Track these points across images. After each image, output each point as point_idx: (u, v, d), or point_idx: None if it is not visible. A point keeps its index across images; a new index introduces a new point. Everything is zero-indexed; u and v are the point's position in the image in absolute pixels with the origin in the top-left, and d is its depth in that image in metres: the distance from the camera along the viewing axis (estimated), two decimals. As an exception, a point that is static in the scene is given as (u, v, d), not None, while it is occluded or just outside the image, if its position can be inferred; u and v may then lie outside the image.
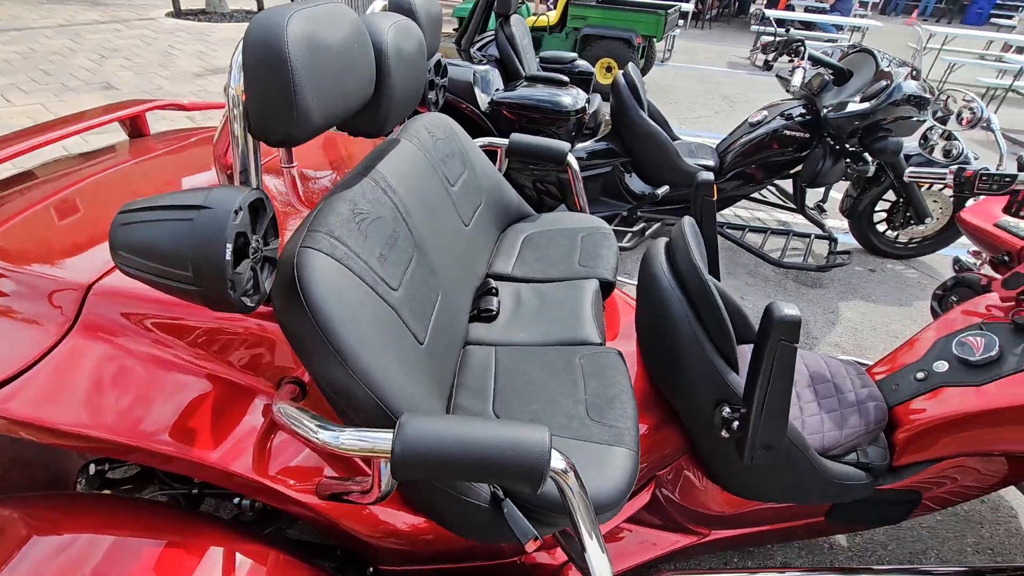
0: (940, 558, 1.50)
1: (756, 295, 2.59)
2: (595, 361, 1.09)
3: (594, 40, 5.47)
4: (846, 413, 1.23)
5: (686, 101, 5.83)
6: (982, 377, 1.14)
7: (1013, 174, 1.18)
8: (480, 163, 1.53)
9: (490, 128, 2.46)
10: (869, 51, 2.53)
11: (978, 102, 1.28)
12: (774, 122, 2.66)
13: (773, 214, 3.39)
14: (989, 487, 1.27)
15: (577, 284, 1.34)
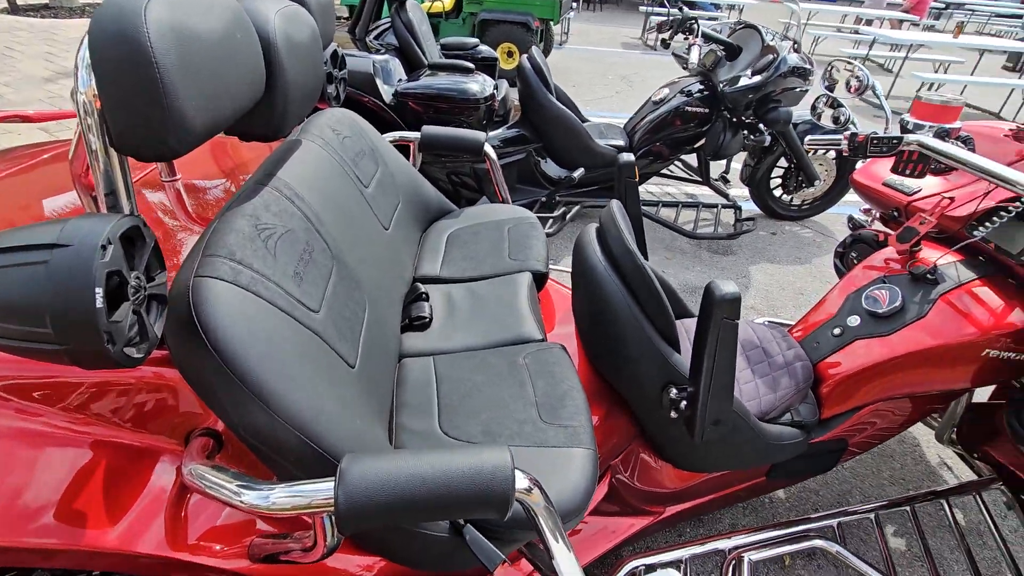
0: (863, 494, 1.63)
1: (676, 267, 2.69)
2: (540, 359, 1.05)
3: (492, 25, 5.40)
4: (777, 376, 1.28)
5: (587, 83, 5.94)
6: (890, 327, 1.22)
7: (899, 136, 1.27)
8: (393, 160, 1.43)
9: (397, 121, 2.33)
10: (754, 27, 2.67)
11: (863, 70, 1.37)
12: (675, 99, 2.75)
13: (681, 188, 3.54)
14: (902, 426, 1.38)
15: (510, 279, 1.29)
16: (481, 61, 3.14)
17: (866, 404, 1.29)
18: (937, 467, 1.73)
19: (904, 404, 1.33)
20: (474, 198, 2.60)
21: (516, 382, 0.99)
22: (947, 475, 1.70)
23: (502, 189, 1.76)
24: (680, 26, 2.60)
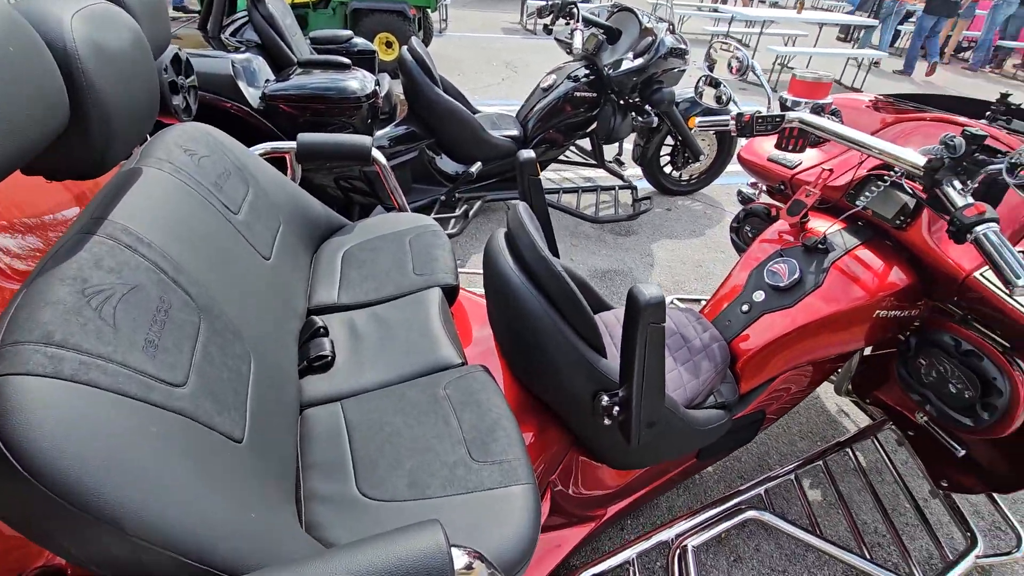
0: (780, 453, 1.72)
1: (583, 253, 2.70)
2: (462, 387, 0.96)
3: (365, 15, 5.11)
4: (698, 361, 1.29)
5: (472, 71, 5.83)
6: (792, 299, 1.27)
7: (781, 114, 1.32)
8: (266, 176, 1.25)
9: (268, 128, 2.09)
10: (631, 10, 2.71)
11: (743, 51, 1.40)
12: (564, 85, 2.73)
13: (579, 172, 3.57)
14: (810, 388, 1.46)
15: (418, 298, 1.18)
16: (358, 55, 2.93)
17: (779, 374, 1.34)
18: (836, 416, 1.88)
19: (811, 368, 1.40)
20: (370, 204, 2.42)
21: (440, 419, 0.89)
22: (846, 422, 1.85)
23: (397, 195, 1.63)
24: (561, 11, 2.57)
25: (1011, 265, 0.86)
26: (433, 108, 2.51)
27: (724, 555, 1.41)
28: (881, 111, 1.50)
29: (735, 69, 1.42)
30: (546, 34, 2.68)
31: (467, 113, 2.55)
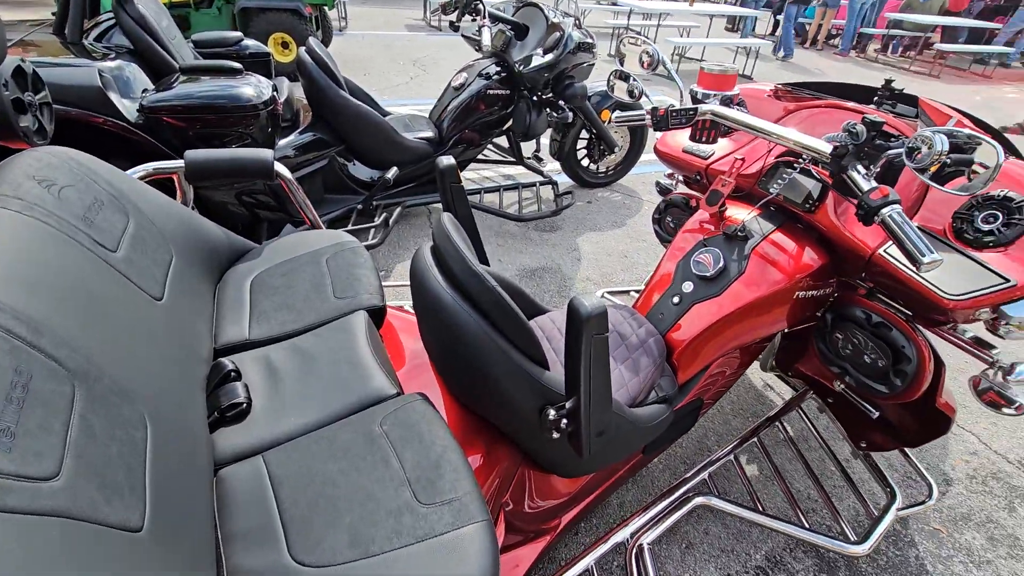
0: (717, 434, 1.78)
1: (510, 253, 2.67)
2: (400, 421, 0.88)
3: (255, 14, 4.76)
4: (636, 358, 1.29)
5: (378, 71, 5.62)
6: (719, 287, 1.30)
7: (694, 108, 1.34)
8: (150, 202, 1.09)
9: (152, 145, 1.87)
10: (536, 5, 2.70)
11: (653, 46, 1.41)
12: (476, 83, 2.68)
13: (498, 170, 3.53)
14: (742, 370, 1.51)
15: (342, 324, 1.09)
16: (250, 58, 2.71)
17: (713, 361, 1.37)
18: (763, 391, 1.97)
19: (741, 352, 1.45)
20: (278, 221, 2.25)
21: (378, 460, 0.81)
22: (772, 396, 1.95)
23: (307, 210, 1.51)
24: (466, 7, 2.51)
25: (916, 244, 0.91)
26: (340, 113, 2.37)
27: (676, 544, 1.43)
28: (782, 99, 1.57)
29: (646, 64, 1.43)
30: (452, 31, 2.60)
31: (377, 116, 2.43)
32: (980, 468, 1.73)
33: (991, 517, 1.57)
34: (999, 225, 1.08)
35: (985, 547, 1.49)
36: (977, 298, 1.03)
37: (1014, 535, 1.53)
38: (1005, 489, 1.66)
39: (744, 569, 1.38)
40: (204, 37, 2.66)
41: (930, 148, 0.89)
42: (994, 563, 1.45)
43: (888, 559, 1.44)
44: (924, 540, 1.50)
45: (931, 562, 1.44)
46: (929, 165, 0.91)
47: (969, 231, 1.11)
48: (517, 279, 2.47)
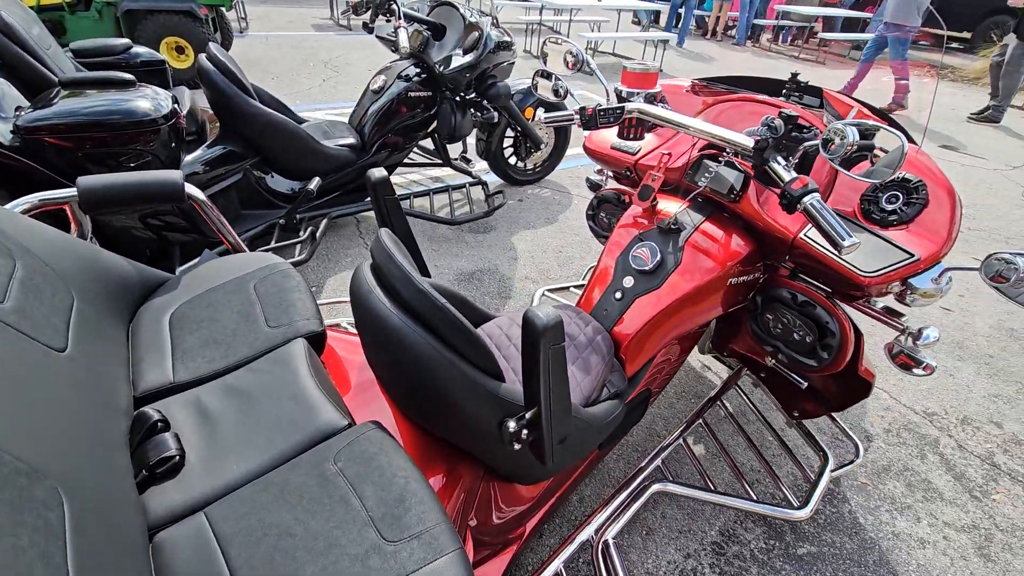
0: (664, 419, 1.85)
1: (445, 257, 2.62)
2: (355, 455, 0.83)
3: (143, 16, 4.37)
4: (587, 357, 1.30)
5: (288, 73, 5.35)
6: (658, 281, 1.34)
7: (621, 106, 1.36)
8: (40, 238, 0.97)
9: (32, 169, 1.66)
10: (451, 4, 2.65)
11: (576, 46, 1.43)
12: (395, 86, 2.60)
13: (426, 173, 3.46)
14: (684, 356, 1.57)
15: (279, 355, 1.01)
16: (142, 67, 2.47)
17: (658, 352, 1.41)
18: (702, 372, 2.07)
19: (680, 342, 1.50)
20: (194, 244, 2.07)
21: (336, 501, 0.76)
22: (711, 376, 2.05)
23: (226, 233, 1.40)
24: (379, 7, 2.42)
25: (836, 229, 0.98)
26: (251, 123, 2.22)
27: (638, 532, 1.47)
28: (700, 94, 1.63)
29: (570, 64, 1.44)
30: (367, 32, 2.51)
31: (292, 124, 2.30)
32: (894, 422, 1.90)
33: (907, 466, 1.74)
34: (901, 205, 1.18)
35: (905, 494, 1.64)
36: (888, 273, 1.12)
37: (927, 480, 1.69)
38: (916, 439, 1.84)
39: (701, 546, 1.44)
40: (85, 45, 2.39)
41: (843, 139, 0.95)
42: (913, 507, 1.60)
43: (826, 517, 1.55)
44: (854, 495, 1.63)
45: (862, 515, 1.57)
46: (845, 155, 0.97)
47: (876, 211, 1.21)
48: (455, 284, 2.43)
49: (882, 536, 1.51)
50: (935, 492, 1.65)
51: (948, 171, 4.47)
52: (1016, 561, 1.47)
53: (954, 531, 1.54)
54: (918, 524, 1.55)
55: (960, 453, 1.79)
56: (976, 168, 4.52)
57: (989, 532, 1.54)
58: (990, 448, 1.82)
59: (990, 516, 1.59)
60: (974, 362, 2.23)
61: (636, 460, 1.68)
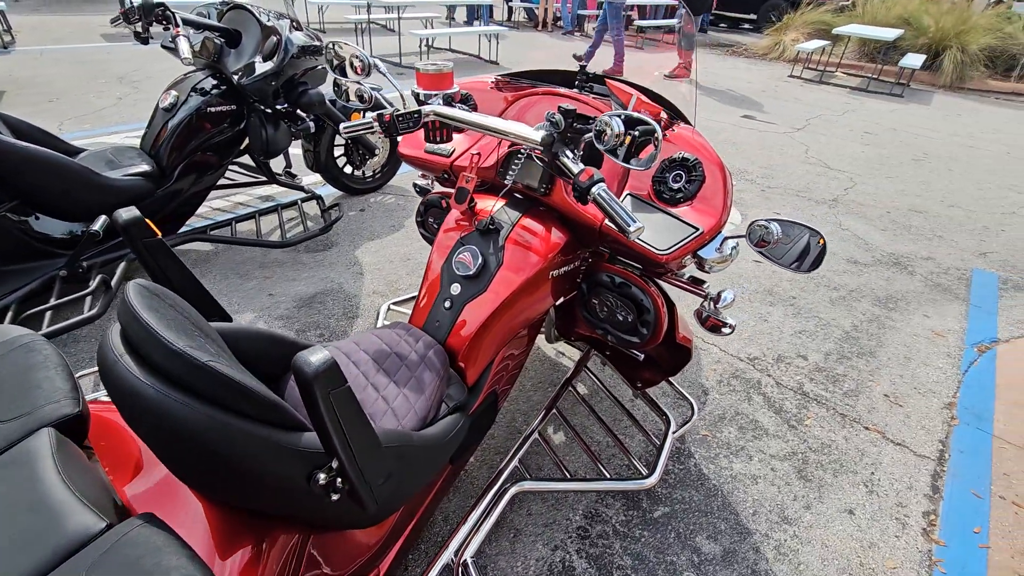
0: (521, 412, 1.86)
1: (280, 284, 2.41)
2: (116, 563, 0.69)
3: None
4: (419, 375, 1.25)
5: (73, 93, 4.58)
6: (483, 284, 1.32)
7: (418, 110, 1.31)
8: None
9: None
10: (244, 7, 2.41)
11: (362, 51, 1.34)
12: (191, 101, 2.31)
13: (252, 192, 3.15)
14: (526, 352, 1.57)
15: (15, 456, 0.82)
16: None
17: (496, 355, 1.39)
18: (556, 358, 2.12)
19: (520, 338, 1.50)
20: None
21: None
22: (564, 361, 2.11)
23: None
24: (149, 14, 2.11)
25: (621, 215, 1.01)
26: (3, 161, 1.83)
27: (505, 536, 1.45)
28: (504, 90, 1.64)
29: (359, 69, 1.35)
30: (140, 43, 2.18)
31: (57, 156, 1.93)
32: (724, 372, 2.11)
33: (738, 410, 1.93)
34: (684, 183, 1.27)
35: (738, 437, 1.82)
36: (680, 248, 1.20)
37: (754, 419, 1.90)
38: (743, 384, 2.06)
39: (567, 535, 1.47)
40: None
41: (611, 131, 0.99)
42: (745, 448, 1.78)
43: (675, 475, 1.67)
44: (697, 448, 1.77)
45: (704, 465, 1.71)
46: (617, 145, 1.01)
47: (665, 191, 1.29)
48: (293, 312, 2.24)
49: (723, 481, 1.66)
50: (761, 430, 1.86)
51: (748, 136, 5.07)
52: (827, 476, 1.70)
53: (778, 461, 1.74)
54: (750, 462, 1.73)
55: (778, 390, 2.04)
56: (769, 133, 5.21)
57: (804, 455, 1.77)
58: (799, 380, 2.10)
59: (804, 440, 1.82)
60: (782, 305, 2.55)
61: (497, 463, 1.66)
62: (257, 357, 1.25)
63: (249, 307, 2.24)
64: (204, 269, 2.47)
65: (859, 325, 2.44)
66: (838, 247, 3.13)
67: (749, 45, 10.16)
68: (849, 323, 2.45)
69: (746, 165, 4.31)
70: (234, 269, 2.48)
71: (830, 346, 2.29)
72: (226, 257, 2.56)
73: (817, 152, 4.74)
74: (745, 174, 4.12)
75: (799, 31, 9.40)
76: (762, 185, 3.93)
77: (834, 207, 3.65)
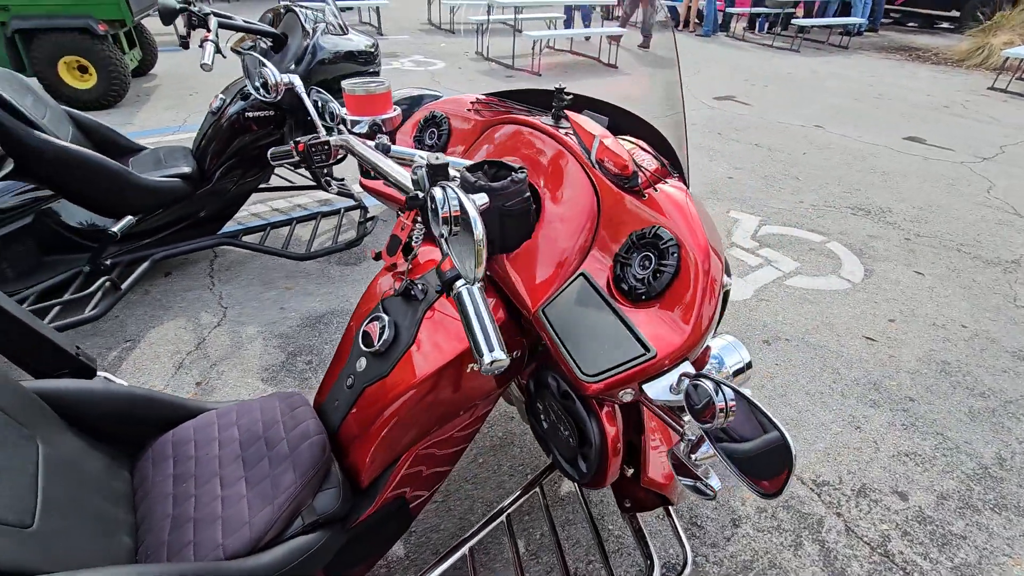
0: (484, 502, 1.52)
1: (296, 298, 2.31)
2: None
3: (36, 35, 4.11)
4: (277, 476, 0.99)
5: (213, 89, 5.06)
6: (388, 364, 1.02)
7: (326, 140, 1.05)
8: None
9: None
10: (293, 10, 2.34)
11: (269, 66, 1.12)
12: (234, 105, 2.29)
13: (314, 196, 3.15)
14: (459, 449, 1.24)
15: None
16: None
17: (401, 453, 1.08)
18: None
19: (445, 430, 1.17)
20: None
21: None
22: (558, 442, 1.72)
23: None
24: (171, 17, 2.11)
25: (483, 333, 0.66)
26: (38, 157, 1.92)
27: None
28: (480, 113, 1.31)
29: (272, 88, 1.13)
30: (182, 47, 2.21)
31: (96, 156, 1.99)
32: (772, 497, 1.56)
33: (774, 561, 1.40)
34: (651, 272, 0.85)
35: (762, 605, 1.31)
36: (613, 376, 0.79)
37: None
38: (795, 520, 1.50)
39: None
40: None
41: None
42: (769, 624, 1.27)
43: (651, 645, 1.22)
44: (696, 609, 1.30)
45: (699, 639, 1.24)
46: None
47: (627, 280, 0.88)
48: (297, 330, 2.12)
49: (718, 671, 1.18)
50: (803, 600, 1.32)
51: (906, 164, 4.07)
52: None
53: (813, 660, 1.21)
54: (768, 652, 1.22)
55: (846, 540, 1.45)
56: (938, 161, 4.13)
57: (859, 660, 1.21)
58: (885, 531, 1.48)
59: (865, 635, 1.26)
60: (890, 408, 1.88)
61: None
62: (116, 420, 1.08)
63: (256, 320, 2.17)
64: (233, 273, 2.47)
65: (1009, 459, 1.71)
66: (1003, 332, 2.28)
67: (940, 49, 8.41)
68: (992, 452, 1.72)
69: (892, 202, 3.42)
70: (261, 276, 2.45)
71: (951, 485, 1.62)
72: (260, 262, 2.54)
73: (1005, 193, 3.64)
74: (887, 214, 3.26)
75: (1015, 32, 7.53)
76: (908, 231, 3.07)
77: (1011, 272, 2.72)
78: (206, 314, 2.19)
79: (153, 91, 4.94)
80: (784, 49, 8.39)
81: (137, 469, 1.06)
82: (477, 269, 0.64)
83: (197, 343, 2.04)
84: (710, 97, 5.59)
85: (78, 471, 0.93)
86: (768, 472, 0.67)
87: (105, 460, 1.01)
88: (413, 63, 6.24)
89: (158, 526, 0.95)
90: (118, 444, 1.08)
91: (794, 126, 4.81)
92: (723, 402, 0.64)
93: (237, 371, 1.92)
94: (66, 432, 0.97)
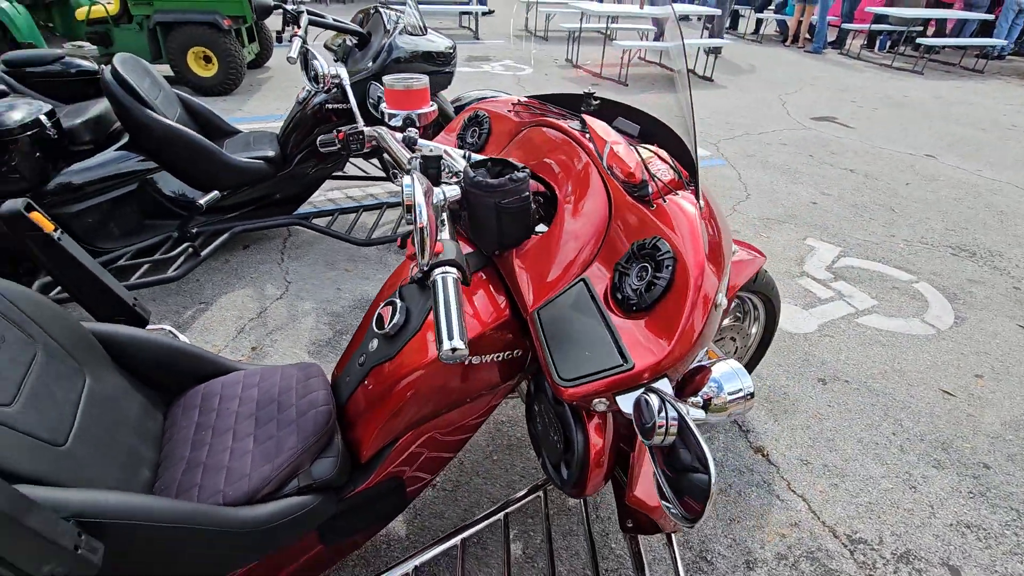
0: (491, 498, 1.53)
1: (352, 280, 2.45)
2: None
3: (173, 28, 4.65)
4: (282, 437, 1.06)
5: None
6: (395, 347, 1.07)
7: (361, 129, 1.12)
8: None
9: None
10: (379, 10, 2.49)
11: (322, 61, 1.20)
12: (317, 96, 2.47)
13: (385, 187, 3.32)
14: (463, 439, 1.26)
15: None
16: (78, 76, 2.54)
17: (403, 434, 1.13)
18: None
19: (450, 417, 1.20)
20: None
21: None
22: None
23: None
24: (265, 15, 2.30)
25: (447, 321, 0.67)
26: (148, 134, 2.18)
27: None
28: (520, 115, 1.33)
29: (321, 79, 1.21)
30: (276, 43, 2.40)
31: (192, 136, 2.23)
32: (797, 545, 1.45)
33: (786, 615, 1.30)
34: (645, 284, 0.82)
35: (763, 656, 1.22)
36: (585, 385, 0.78)
37: (806, 639, 1.25)
38: (818, 574, 1.38)
39: None
40: (16, 56, 2.49)
41: None
42: None
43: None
44: (688, 646, 1.23)
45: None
46: None
47: (622, 289, 0.86)
48: (347, 311, 2.25)
49: None
50: (809, 660, 1.21)
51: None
52: None
53: None
54: None
55: (874, 606, 1.32)
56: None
57: None
58: (924, 605, 1.33)
59: None
60: (957, 472, 1.68)
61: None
62: (157, 367, 1.21)
63: (314, 296, 2.33)
64: (303, 251, 2.65)
65: (1098, 551, 1.47)
66: (1121, 405, 1.96)
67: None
68: (1078, 540, 1.49)
69: (1005, 246, 3.04)
70: (326, 257, 2.62)
71: (1016, 568, 1.42)
72: (328, 244, 2.72)
73: None
74: (995, 258, 2.91)
75: None
76: (1019, 280, 2.71)
77: None
78: (271, 286, 2.38)
79: (265, 82, 5.41)
80: (904, 70, 7.68)
81: (170, 413, 1.18)
82: (422, 255, 0.66)
83: (259, 311, 2.22)
84: (807, 117, 5.24)
85: (116, 406, 1.05)
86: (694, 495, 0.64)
87: (143, 401, 1.14)
88: (503, 67, 6.37)
89: (175, 466, 1.05)
90: (158, 389, 1.21)
91: (900, 153, 4.40)
92: (664, 420, 0.62)
93: (288, 341, 2.06)
94: (113, 371, 1.10)
